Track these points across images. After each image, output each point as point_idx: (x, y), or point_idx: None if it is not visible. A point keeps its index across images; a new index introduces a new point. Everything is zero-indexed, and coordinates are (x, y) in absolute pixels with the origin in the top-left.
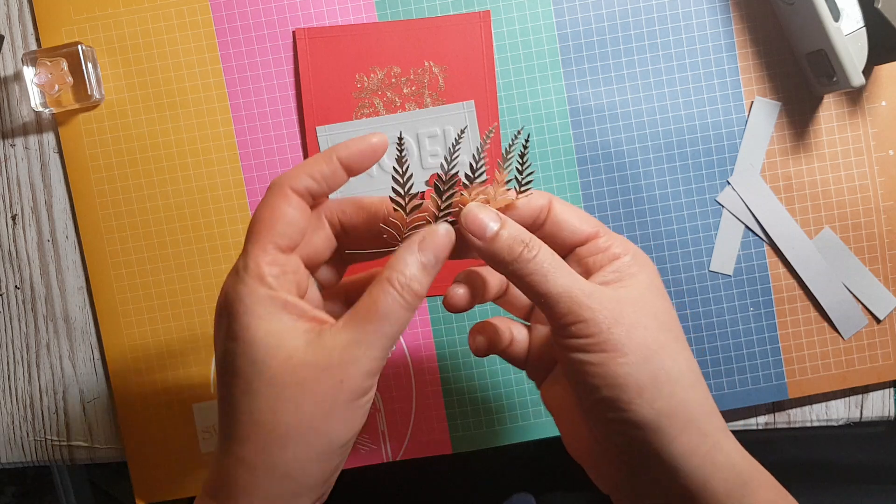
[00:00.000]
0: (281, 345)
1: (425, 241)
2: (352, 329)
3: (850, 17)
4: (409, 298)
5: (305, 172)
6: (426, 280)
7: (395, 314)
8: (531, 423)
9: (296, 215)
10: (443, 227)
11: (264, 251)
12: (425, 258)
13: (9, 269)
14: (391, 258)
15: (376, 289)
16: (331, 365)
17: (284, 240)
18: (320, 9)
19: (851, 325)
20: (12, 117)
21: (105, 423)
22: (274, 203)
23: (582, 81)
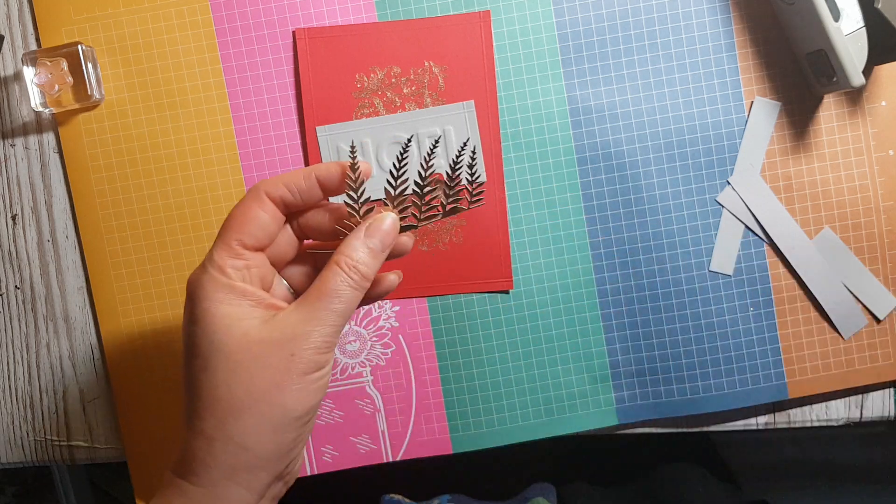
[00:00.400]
0: (237, 325)
1: (371, 227)
2: (303, 309)
3: (850, 17)
4: (356, 278)
5: (283, 182)
6: (372, 262)
7: (343, 293)
8: (531, 422)
9: (265, 218)
10: (389, 217)
11: (229, 246)
12: (371, 243)
13: (9, 269)
14: (340, 244)
15: (326, 271)
16: (283, 340)
17: (251, 239)
18: (320, 9)
19: (851, 325)
20: (12, 117)
21: (105, 423)
22: (247, 205)
23: (582, 81)
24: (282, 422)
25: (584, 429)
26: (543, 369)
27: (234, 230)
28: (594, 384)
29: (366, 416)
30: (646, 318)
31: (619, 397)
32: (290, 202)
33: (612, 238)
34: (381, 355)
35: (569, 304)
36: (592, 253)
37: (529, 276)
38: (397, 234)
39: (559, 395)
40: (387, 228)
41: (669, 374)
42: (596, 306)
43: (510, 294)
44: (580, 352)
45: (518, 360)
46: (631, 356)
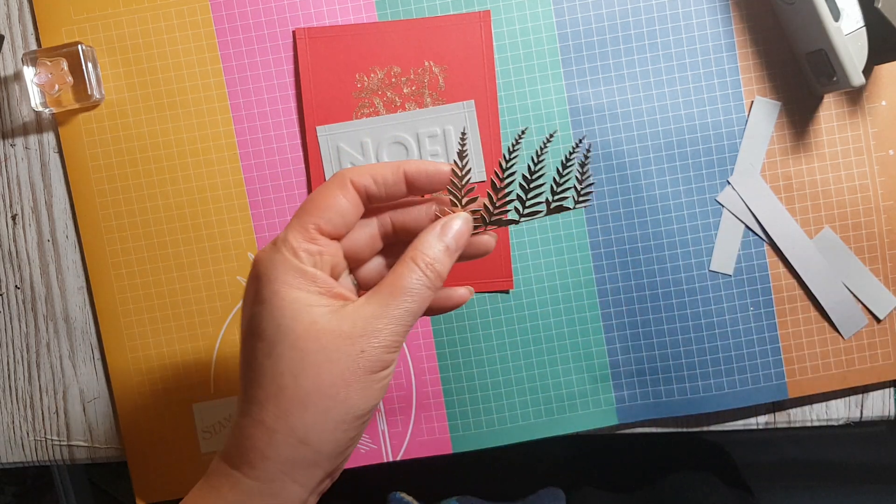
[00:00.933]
0: (306, 311)
1: (446, 226)
2: (375, 303)
3: (850, 17)
4: (431, 277)
5: (369, 172)
6: (448, 262)
7: (417, 291)
8: (531, 422)
9: (346, 206)
10: (461, 216)
11: (305, 229)
12: (447, 240)
13: (9, 269)
14: (415, 240)
15: (401, 267)
16: (353, 334)
17: (329, 225)
18: (320, 9)
19: (851, 325)
20: (12, 117)
21: (105, 423)
22: (330, 189)
23: (582, 81)
24: (344, 419)
25: (584, 429)
26: (543, 369)
27: (313, 213)
28: (594, 384)
29: None
30: (646, 318)
31: (619, 397)
32: (374, 193)
33: (612, 238)
34: None
35: (569, 304)
36: (592, 253)
37: (529, 276)
38: (470, 232)
39: (559, 395)
40: (460, 227)
41: (669, 374)
42: (596, 306)
43: (510, 294)
44: (580, 352)
45: (518, 360)
46: (631, 356)
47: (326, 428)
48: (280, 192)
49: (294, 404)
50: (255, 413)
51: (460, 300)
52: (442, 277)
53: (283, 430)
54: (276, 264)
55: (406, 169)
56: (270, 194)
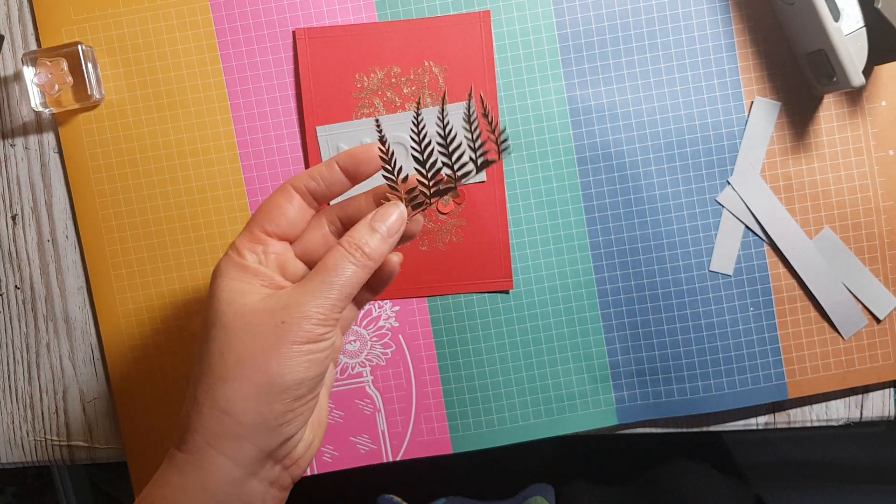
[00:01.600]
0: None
1: (378, 214)
2: (302, 283)
3: (850, 17)
4: (357, 255)
5: (307, 174)
6: (376, 244)
7: (341, 267)
8: (531, 423)
9: (289, 208)
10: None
11: (251, 232)
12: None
13: (9, 269)
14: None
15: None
16: (276, 309)
17: (272, 226)
18: (320, 9)
19: (851, 325)
20: (12, 117)
21: (105, 423)
22: (273, 196)
23: (582, 81)
24: (268, 390)
25: (584, 429)
26: (543, 369)
27: (257, 219)
28: (594, 384)
29: (366, 416)
30: (646, 318)
31: (619, 397)
32: (316, 190)
33: (612, 238)
34: (381, 355)
35: (569, 304)
36: (592, 253)
37: (529, 276)
38: (405, 221)
39: (559, 395)
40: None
41: (669, 374)
42: (596, 306)
43: (510, 294)
44: (580, 352)
45: (518, 360)
46: (631, 356)
47: (248, 397)
48: None
49: (217, 377)
50: (190, 392)
51: (392, 269)
52: (370, 257)
53: (207, 401)
54: (221, 264)
55: (337, 160)
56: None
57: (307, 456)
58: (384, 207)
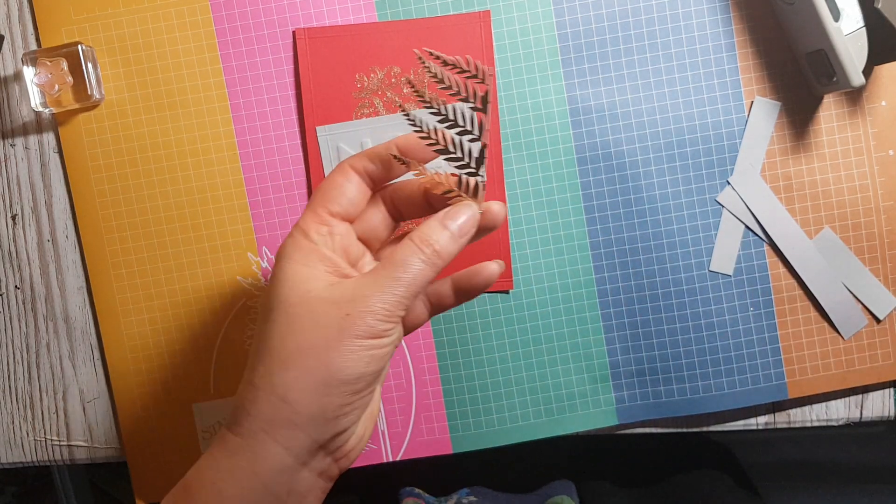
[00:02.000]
0: (304, 283)
1: (449, 213)
2: (369, 275)
3: (850, 17)
4: (427, 252)
5: (365, 154)
6: (448, 243)
7: (410, 263)
8: (531, 422)
9: (349, 187)
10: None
11: (314, 212)
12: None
13: (9, 269)
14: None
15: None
16: (341, 300)
17: (336, 206)
18: (320, 9)
19: (851, 325)
20: (12, 117)
21: (105, 423)
22: (332, 176)
23: (582, 81)
24: (327, 382)
25: (583, 429)
26: (543, 369)
27: (319, 199)
28: (594, 384)
29: None
30: (646, 318)
31: (619, 397)
32: (373, 172)
33: (612, 238)
34: None
35: (569, 304)
36: (592, 253)
37: (529, 276)
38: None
39: (559, 395)
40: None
41: (669, 374)
42: (596, 306)
43: (510, 294)
44: (580, 352)
45: (518, 360)
46: (631, 356)
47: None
48: (280, 192)
49: (277, 364)
50: (247, 375)
51: (490, 276)
52: (440, 256)
53: (265, 387)
54: (287, 245)
55: (396, 142)
56: (270, 194)
57: (357, 449)
58: (455, 207)
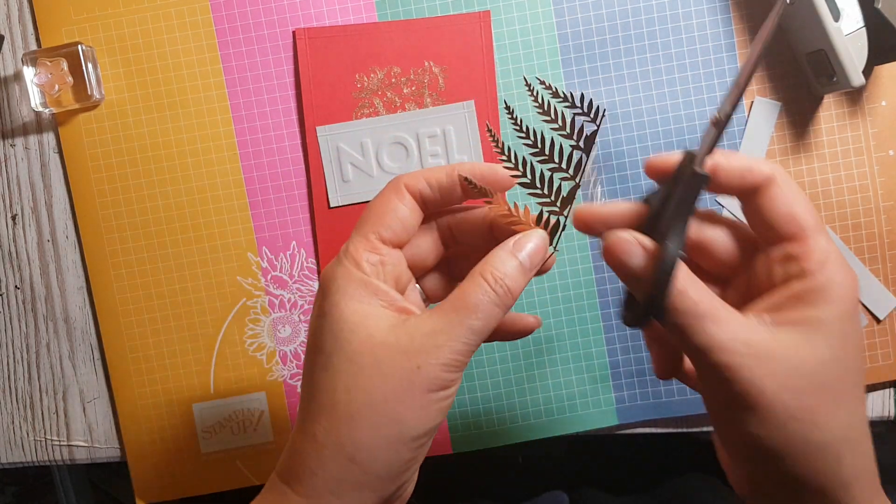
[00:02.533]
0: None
1: (520, 242)
2: (437, 318)
3: (850, 17)
4: (500, 293)
5: (423, 176)
6: (520, 279)
7: (483, 308)
8: (531, 423)
9: (405, 211)
10: (536, 232)
11: (366, 239)
12: (520, 256)
13: (9, 269)
14: (487, 256)
15: (468, 282)
16: (410, 349)
17: (389, 232)
18: (320, 9)
19: None
20: (12, 117)
21: (105, 423)
22: (387, 197)
23: (582, 81)
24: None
25: (584, 429)
26: (543, 369)
27: (372, 222)
28: (594, 384)
29: None
30: None
31: (619, 397)
32: (429, 197)
33: None
34: None
35: (569, 304)
36: (592, 253)
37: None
38: (546, 251)
39: (559, 395)
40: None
41: None
42: (596, 306)
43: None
44: (580, 352)
45: (518, 361)
46: (631, 356)
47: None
48: (280, 192)
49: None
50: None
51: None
52: (513, 295)
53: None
54: (338, 276)
55: (460, 170)
56: (270, 194)
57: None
58: (524, 234)
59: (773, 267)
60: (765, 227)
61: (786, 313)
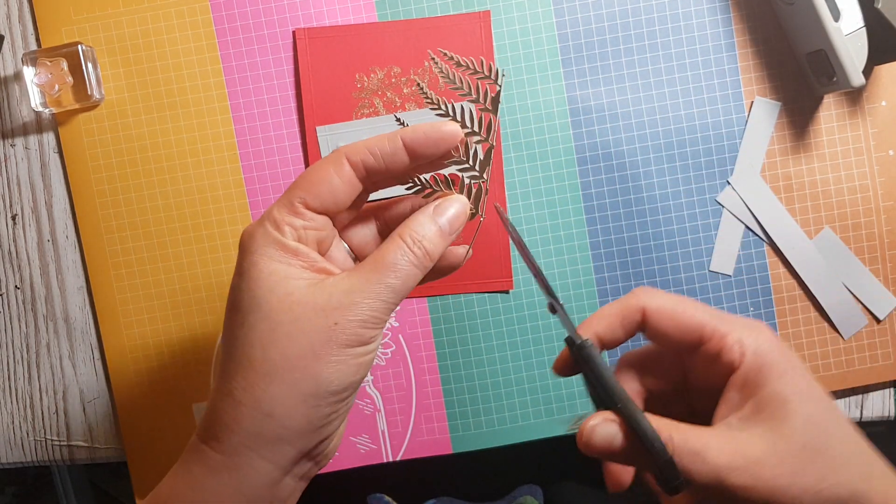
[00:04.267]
0: (282, 283)
1: (440, 206)
2: (356, 277)
3: (850, 17)
4: (418, 254)
5: (365, 146)
6: (439, 242)
7: (400, 267)
8: (531, 423)
9: (337, 182)
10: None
11: (290, 203)
12: (440, 220)
13: (9, 269)
14: (407, 219)
15: (387, 242)
16: (328, 307)
17: (316, 201)
18: (320, 9)
19: (851, 325)
20: (12, 117)
21: (105, 423)
22: (322, 167)
23: (582, 81)
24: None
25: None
26: (543, 369)
27: (300, 188)
28: None
29: (366, 416)
30: None
31: None
32: (372, 166)
33: (612, 238)
34: (381, 355)
35: (569, 303)
36: (592, 253)
37: (529, 276)
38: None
39: (559, 395)
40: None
41: None
42: (596, 306)
43: (510, 294)
44: None
45: (518, 360)
46: None
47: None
48: (280, 192)
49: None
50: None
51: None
52: (431, 257)
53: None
54: (258, 237)
55: (403, 136)
56: (270, 194)
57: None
58: (445, 199)
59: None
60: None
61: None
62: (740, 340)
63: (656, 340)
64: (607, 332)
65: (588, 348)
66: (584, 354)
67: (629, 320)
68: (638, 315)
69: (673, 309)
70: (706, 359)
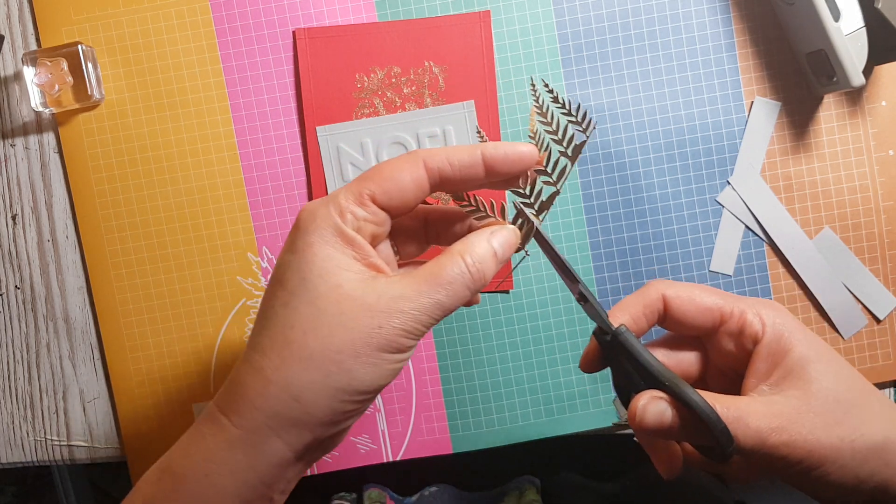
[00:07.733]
0: (335, 273)
1: (496, 232)
2: (408, 284)
3: (850, 17)
4: (474, 276)
5: (445, 154)
6: (492, 266)
7: (454, 286)
8: (531, 422)
9: (408, 182)
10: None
11: (359, 192)
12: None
13: (9, 269)
14: (465, 238)
15: (445, 258)
16: (375, 308)
17: (384, 197)
18: (320, 9)
19: (851, 325)
20: (12, 117)
21: (105, 423)
22: (398, 164)
23: (582, 81)
24: (345, 389)
25: (583, 429)
26: (543, 369)
27: (371, 181)
28: (594, 384)
29: (366, 416)
30: None
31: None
32: (448, 175)
33: (612, 238)
34: None
35: (569, 304)
36: (592, 253)
37: (529, 277)
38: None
39: (559, 395)
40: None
41: None
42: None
43: (510, 294)
44: (580, 352)
45: (518, 360)
46: None
47: (323, 392)
48: (280, 192)
49: (296, 360)
50: (255, 360)
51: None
52: (485, 279)
53: (279, 382)
54: (318, 218)
55: (484, 151)
56: (270, 194)
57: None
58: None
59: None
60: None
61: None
62: (759, 315)
63: (677, 327)
64: (631, 322)
65: (624, 333)
66: (623, 339)
67: (651, 309)
68: (659, 303)
69: (690, 294)
70: (729, 336)
